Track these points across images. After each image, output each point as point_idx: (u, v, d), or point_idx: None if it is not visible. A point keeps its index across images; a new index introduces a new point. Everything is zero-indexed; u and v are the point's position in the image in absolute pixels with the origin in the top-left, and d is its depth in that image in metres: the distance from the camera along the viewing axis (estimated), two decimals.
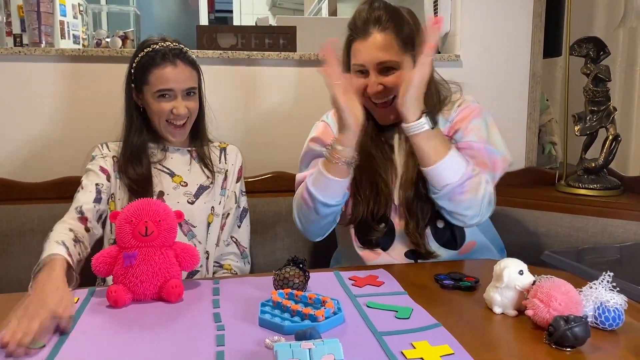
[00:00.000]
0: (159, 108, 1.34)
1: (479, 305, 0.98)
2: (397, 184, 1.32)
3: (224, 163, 1.49)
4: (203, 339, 0.85)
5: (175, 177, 1.41)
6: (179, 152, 1.44)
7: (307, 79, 1.89)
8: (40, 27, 1.81)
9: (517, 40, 1.98)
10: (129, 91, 1.40)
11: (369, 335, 0.86)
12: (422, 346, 0.82)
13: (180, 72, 1.34)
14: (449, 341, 0.83)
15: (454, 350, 0.80)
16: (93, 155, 1.41)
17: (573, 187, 1.76)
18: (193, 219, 1.40)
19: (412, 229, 1.28)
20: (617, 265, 1.41)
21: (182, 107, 1.35)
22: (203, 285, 1.11)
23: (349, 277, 1.12)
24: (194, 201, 1.41)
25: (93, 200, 1.32)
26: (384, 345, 0.83)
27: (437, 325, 0.89)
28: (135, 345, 0.84)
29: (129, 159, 1.38)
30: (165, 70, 1.33)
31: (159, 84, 1.33)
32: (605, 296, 0.88)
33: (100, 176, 1.37)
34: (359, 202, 1.30)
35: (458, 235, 1.30)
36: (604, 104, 1.75)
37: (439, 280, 1.09)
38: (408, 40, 1.24)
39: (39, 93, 1.73)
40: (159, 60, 1.33)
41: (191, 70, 1.37)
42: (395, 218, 1.32)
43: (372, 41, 1.23)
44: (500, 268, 0.94)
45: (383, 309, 0.97)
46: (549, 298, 0.86)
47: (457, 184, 1.17)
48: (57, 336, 0.87)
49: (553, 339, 0.81)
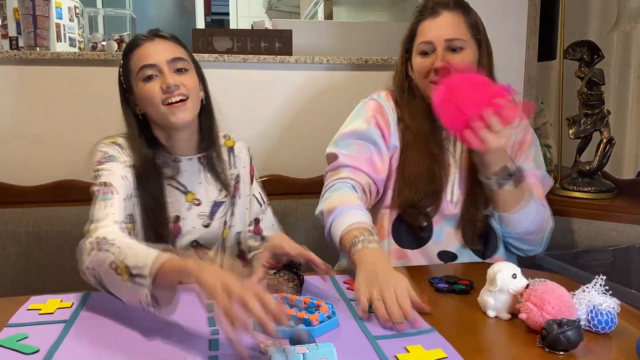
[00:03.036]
0: (147, 92, 1.18)
1: (473, 308, 0.99)
2: (452, 180, 1.32)
3: (234, 167, 1.35)
4: (197, 343, 0.85)
5: (188, 195, 1.27)
6: (190, 162, 1.28)
7: (302, 83, 1.90)
8: (36, 31, 1.81)
9: (512, 43, 1.99)
10: (125, 103, 1.26)
11: (364, 339, 0.87)
12: (415, 350, 0.82)
13: (158, 44, 1.21)
14: (443, 345, 0.84)
15: (447, 354, 0.81)
16: (112, 154, 1.19)
17: (567, 189, 1.77)
18: (207, 242, 1.29)
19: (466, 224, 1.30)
20: (610, 268, 1.41)
21: (170, 78, 1.18)
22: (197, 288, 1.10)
23: (344, 281, 1.13)
24: (209, 224, 1.28)
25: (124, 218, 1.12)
26: (378, 349, 0.83)
27: (432, 330, 0.89)
28: (128, 349, 0.84)
29: (142, 175, 1.20)
30: (141, 48, 1.21)
31: (138, 63, 1.20)
32: (598, 299, 0.89)
33: (127, 186, 1.16)
34: (406, 186, 1.30)
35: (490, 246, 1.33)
36: (597, 107, 1.75)
37: (434, 284, 1.10)
38: (474, 25, 1.30)
39: (34, 96, 1.73)
40: (135, 42, 1.23)
41: (172, 43, 1.24)
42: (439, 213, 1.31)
43: (442, 19, 1.28)
44: (494, 272, 0.95)
45: None
46: (542, 302, 0.86)
47: (531, 230, 1.26)
48: (51, 341, 0.87)
49: (546, 342, 0.82)
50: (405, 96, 1.36)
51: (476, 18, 1.32)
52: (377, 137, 1.32)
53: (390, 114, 1.35)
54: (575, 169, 1.79)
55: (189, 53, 1.27)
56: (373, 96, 1.40)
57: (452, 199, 1.31)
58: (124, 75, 1.25)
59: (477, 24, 1.31)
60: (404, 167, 1.31)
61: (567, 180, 1.80)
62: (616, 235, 1.55)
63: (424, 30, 1.30)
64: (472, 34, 1.29)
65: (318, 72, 1.90)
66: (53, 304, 1.01)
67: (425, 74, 1.29)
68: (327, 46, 2.08)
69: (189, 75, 1.23)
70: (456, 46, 1.27)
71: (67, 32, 2.25)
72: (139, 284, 0.86)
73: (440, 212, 1.31)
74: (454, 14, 1.29)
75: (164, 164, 1.25)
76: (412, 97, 1.35)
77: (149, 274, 0.85)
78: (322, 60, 1.87)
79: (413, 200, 1.28)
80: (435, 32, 1.28)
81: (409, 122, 1.33)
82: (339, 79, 1.90)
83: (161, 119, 1.21)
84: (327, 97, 1.90)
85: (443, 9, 1.29)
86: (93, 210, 1.10)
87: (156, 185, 1.22)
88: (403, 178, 1.30)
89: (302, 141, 1.90)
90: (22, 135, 1.74)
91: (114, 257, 0.92)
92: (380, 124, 1.34)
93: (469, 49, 1.28)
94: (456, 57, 1.27)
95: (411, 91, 1.36)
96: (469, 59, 1.28)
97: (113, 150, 1.21)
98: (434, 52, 1.28)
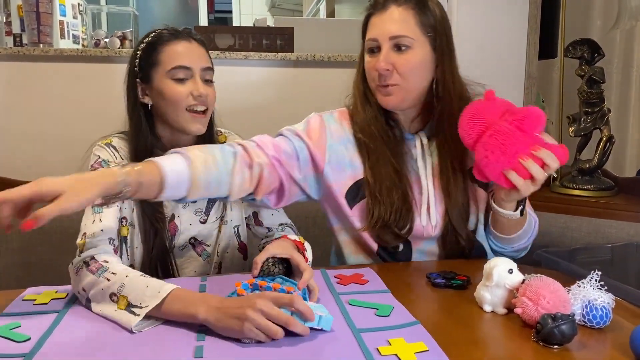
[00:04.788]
0: (175, 93, 1.16)
1: (469, 303, 1.00)
2: (424, 202, 1.24)
3: None
4: (183, 335, 0.86)
5: None
6: None
7: (303, 80, 1.91)
8: (39, 27, 1.83)
9: (513, 41, 1.99)
10: (133, 89, 1.22)
11: (347, 332, 0.87)
12: (397, 343, 0.82)
13: (195, 48, 1.20)
14: (425, 338, 0.84)
15: (429, 348, 0.81)
16: (105, 159, 1.19)
17: (567, 187, 1.78)
18: (206, 238, 1.30)
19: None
20: (608, 264, 1.42)
21: (203, 87, 1.18)
22: (189, 282, 1.10)
23: (335, 275, 1.13)
24: (205, 220, 1.29)
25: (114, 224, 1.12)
26: (361, 341, 0.83)
27: (415, 323, 0.90)
28: (117, 339, 0.85)
29: None
30: (178, 45, 1.18)
31: (172, 61, 1.17)
32: (593, 295, 0.89)
33: None
34: (379, 202, 1.20)
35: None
36: (598, 106, 1.76)
37: (431, 279, 1.10)
38: (428, 24, 1.18)
39: (37, 93, 1.75)
40: (169, 36, 1.19)
41: (205, 51, 1.23)
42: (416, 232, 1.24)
43: (388, 14, 1.17)
44: (490, 267, 0.96)
45: (364, 306, 0.97)
46: (538, 296, 0.87)
47: (523, 245, 1.24)
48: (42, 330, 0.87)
49: (540, 336, 0.82)
50: (359, 103, 1.25)
51: (434, 15, 1.19)
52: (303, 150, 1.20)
53: (331, 135, 1.24)
54: (576, 167, 1.79)
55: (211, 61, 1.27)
56: (324, 113, 1.30)
57: (430, 221, 1.23)
58: (144, 62, 1.20)
59: (434, 21, 1.18)
60: (369, 184, 1.21)
61: (567, 178, 1.80)
62: (615, 232, 1.56)
63: (371, 26, 1.20)
64: (424, 32, 1.17)
65: (319, 70, 1.91)
66: (48, 294, 1.02)
67: (371, 74, 1.20)
68: (329, 44, 2.08)
69: (213, 87, 1.24)
70: (402, 44, 1.16)
71: (70, 29, 2.26)
72: (132, 313, 0.89)
73: (418, 236, 1.24)
74: (403, 9, 1.17)
75: None
76: (366, 103, 1.25)
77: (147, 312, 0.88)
78: (324, 58, 1.88)
79: (384, 217, 1.19)
80: (380, 28, 1.17)
81: (362, 136, 1.23)
82: (340, 76, 1.90)
83: (177, 122, 1.20)
84: (328, 94, 1.90)
85: (391, 3, 1.18)
86: (84, 220, 1.10)
87: None
88: (372, 196, 1.21)
89: None
90: (24, 132, 1.75)
91: (111, 285, 0.94)
92: (312, 140, 1.21)
93: (418, 49, 1.16)
94: (402, 58, 1.16)
95: (365, 97, 1.25)
96: (417, 59, 1.17)
97: (106, 154, 1.20)
98: (380, 51, 1.18)
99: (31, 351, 0.81)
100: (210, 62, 1.24)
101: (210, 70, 1.23)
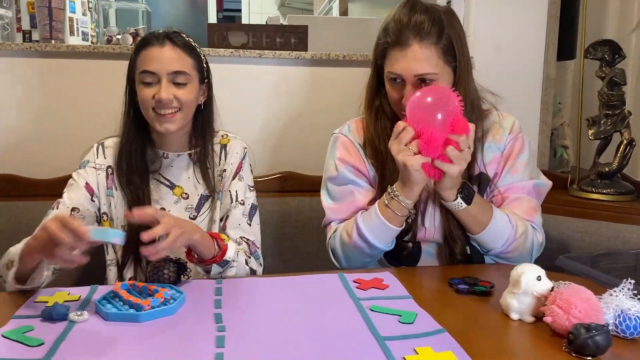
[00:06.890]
0: (142, 95, 1.23)
1: (494, 310, 0.97)
2: (427, 205, 1.28)
3: (223, 162, 1.35)
4: (203, 340, 0.84)
5: (176, 189, 1.32)
6: (179, 158, 1.33)
7: (318, 79, 1.88)
8: (52, 23, 1.81)
9: (531, 42, 1.96)
10: (129, 88, 1.29)
11: (372, 340, 0.84)
12: (425, 352, 0.80)
13: (165, 52, 1.22)
14: (453, 347, 0.81)
15: (458, 357, 0.78)
16: (86, 160, 1.31)
17: (586, 191, 1.74)
18: None
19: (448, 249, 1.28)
20: (632, 271, 1.39)
21: (164, 92, 1.20)
22: (205, 285, 1.09)
23: (354, 280, 1.10)
24: (195, 216, 1.32)
25: None
26: (386, 350, 0.81)
27: (442, 331, 0.87)
28: (133, 345, 0.83)
29: (126, 172, 1.29)
30: (149, 51, 1.23)
31: (141, 65, 1.23)
32: (626, 304, 0.87)
33: (81, 196, 1.27)
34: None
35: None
36: (618, 108, 1.72)
37: (453, 285, 1.08)
38: (448, 49, 1.18)
39: (48, 89, 1.73)
40: (144, 41, 1.25)
41: (181, 53, 1.24)
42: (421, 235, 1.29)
43: (411, 52, 1.16)
44: (518, 273, 0.93)
45: (387, 312, 0.94)
46: (569, 305, 0.84)
47: (501, 249, 1.21)
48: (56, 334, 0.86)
49: (573, 347, 0.80)
50: (372, 116, 1.30)
51: (454, 38, 1.19)
52: (350, 174, 1.30)
53: (359, 148, 1.32)
54: (594, 170, 1.76)
55: (196, 61, 1.27)
56: (341, 130, 1.35)
57: (434, 224, 1.27)
58: (132, 65, 1.28)
59: (454, 46, 1.19)
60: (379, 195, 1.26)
61: (585, 182, 1.77)
62: (636, 238, 1.52)
63: (392, 60, 1.19)
64: (447, 62, 1.19)
65: (334, 69, 1.88)
66: (60, 296, 1.00)
67: (395, 103, 1.24)
68: (343, 42, 2.06)
69: (187, 88, 1.25)
70: (428, 79, 1.17)
71: (80, 26, 2.24)
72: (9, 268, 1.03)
73: (420, 239, 1.28)
74: (425, 46, 1.16)
75: (153, 159, 1.32)
76: (377, 116, 1.29)
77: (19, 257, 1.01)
78: (339, 57, 1.86)
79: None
80: (403, 66, 1.17)
81: (372, 151, 1.29)
82: (355, 75, 1.87)
83: (150, 122, 1.27)
84: (343, 93, 1.88)
85: (413, 41, 1.16)
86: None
87: (141, 179, 1.29)
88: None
89: (318, 138, 1.88)
90: (35, 129, 1.73)
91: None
92: (349, 161, 1.31)
93: (442, 80, 1.19)
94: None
95: (378, 110, 1.29)
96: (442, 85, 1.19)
97: (90, 155, 1.32)
98: (403, 83, 1.19)
99: (45, 356, 0.79)
100: (185, 64, 1.24)
101: (182, 73, 1.23)
